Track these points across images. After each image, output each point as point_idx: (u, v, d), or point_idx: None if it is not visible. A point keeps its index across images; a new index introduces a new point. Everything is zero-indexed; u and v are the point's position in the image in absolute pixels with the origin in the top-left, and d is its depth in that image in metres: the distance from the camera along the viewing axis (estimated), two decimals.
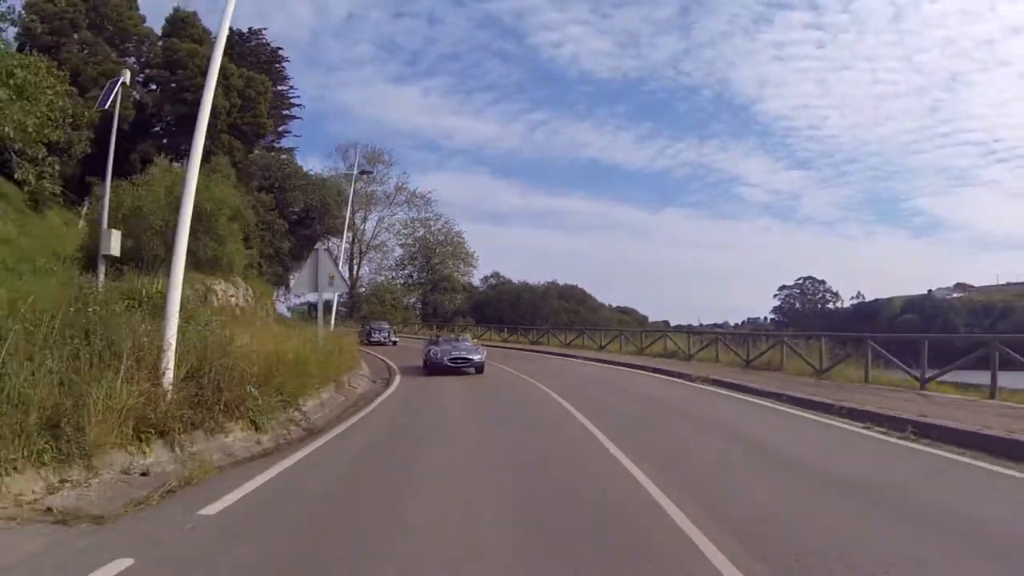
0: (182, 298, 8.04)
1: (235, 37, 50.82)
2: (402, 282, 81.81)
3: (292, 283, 26.88)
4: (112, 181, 15.30)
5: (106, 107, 14.88)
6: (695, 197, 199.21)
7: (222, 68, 31.79)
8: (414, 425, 10.43)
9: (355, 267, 76.97)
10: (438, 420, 10.93)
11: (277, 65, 54.23)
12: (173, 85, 41.44)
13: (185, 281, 8.39)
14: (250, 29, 54.23)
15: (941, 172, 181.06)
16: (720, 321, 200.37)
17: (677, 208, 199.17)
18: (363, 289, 76.39)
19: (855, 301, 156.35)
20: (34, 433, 5.37)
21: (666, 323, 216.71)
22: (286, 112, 54.20)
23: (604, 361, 25.66)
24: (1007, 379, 12.09)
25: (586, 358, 27.82)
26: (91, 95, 28.07)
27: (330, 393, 11.88)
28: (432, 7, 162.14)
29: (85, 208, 25.50)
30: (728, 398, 14.04)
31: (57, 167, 18.55)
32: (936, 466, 7.38)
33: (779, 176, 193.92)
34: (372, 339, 37.90)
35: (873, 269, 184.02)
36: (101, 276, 11.92)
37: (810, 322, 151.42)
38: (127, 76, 16.27)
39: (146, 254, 15.31)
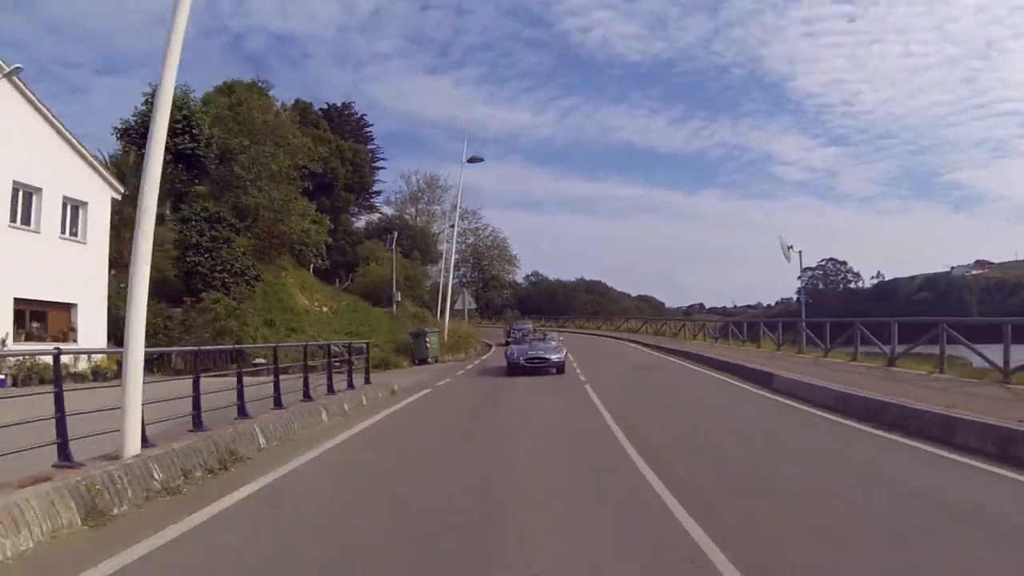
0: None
1: (333, 111, 71.37)
2: (456, 281, 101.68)
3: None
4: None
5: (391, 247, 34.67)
6: (731, 177, 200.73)
7: (338, 146, 52.42)
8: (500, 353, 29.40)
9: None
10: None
11: (366, 129, 74.15)
12: None
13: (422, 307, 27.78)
14: (343, 103, 74.40)
15: (979, 144, 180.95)
16: (753, 303, 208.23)
17: (713, 189, 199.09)
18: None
19: (875, 280, 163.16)
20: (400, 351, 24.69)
21: (701, 305, 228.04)
22: (375, 165, 73.98)
23: (601, 335, 44.50)
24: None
25: (593, 334, 46.70)
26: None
27: (476, 348, 31.29)
28: None
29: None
30: (652, 348, 32.75)
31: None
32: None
33: (815, 154, 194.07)
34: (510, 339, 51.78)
35: (910, 246, 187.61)
36: (395, 309, 31.55)
37: (831, 302, 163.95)
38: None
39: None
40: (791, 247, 21.67)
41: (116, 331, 21.80)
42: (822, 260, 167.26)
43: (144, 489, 5.59)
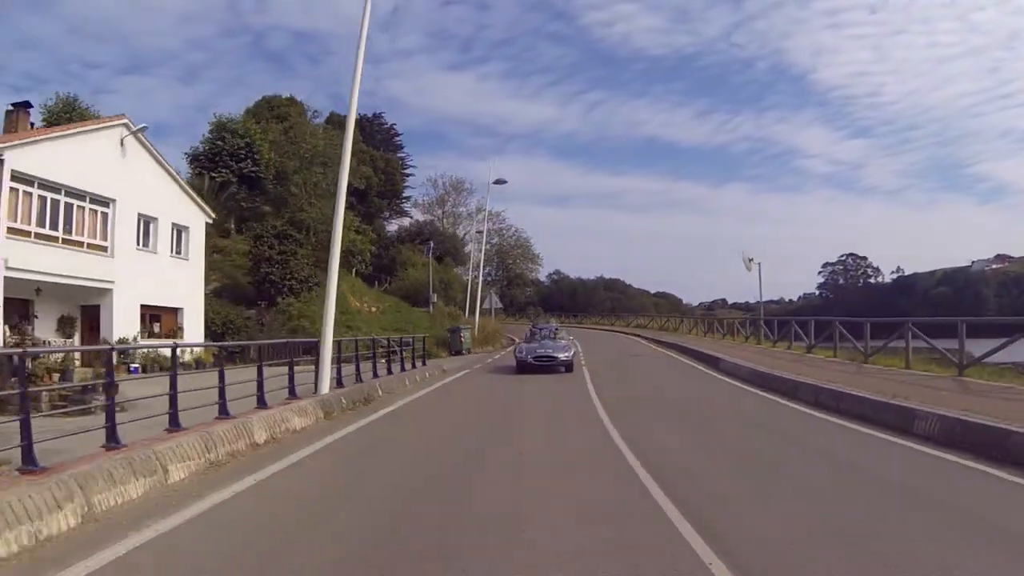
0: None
1: (364, 121, 76.90)
2: (483, 279, 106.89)
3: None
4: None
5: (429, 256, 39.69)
6: (755, 171, 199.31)
7: (371, 156, 57.82)
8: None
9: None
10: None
11: (396, 138, 79.48)
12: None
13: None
14: (374, 114, 79.83)
15: (1005, 135, 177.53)
16: (776, 298, 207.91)
17: (738, 183, 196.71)
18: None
19: (895, 275, 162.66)
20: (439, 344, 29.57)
21: (724, 301, 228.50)
22: (404, 172, 79.19)
23: (613, 330, 49.07)
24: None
25: (606, 330, 51.31)
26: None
27: (502, 342, 36.12)
28: None
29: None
30: (640, 339, 37.31)
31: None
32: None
33: (840, 146, 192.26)
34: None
35: (937, 240, 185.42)
36: (432, 309, 36.50)
37: (852, 297, 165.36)
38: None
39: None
40: (752, 259, 26.14)
41: (211, 329, 27.10)
42: (842, 255, 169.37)
43: (340, 406, 10.77)
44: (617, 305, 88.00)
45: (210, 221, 27.66)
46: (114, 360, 7.89)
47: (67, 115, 34.72)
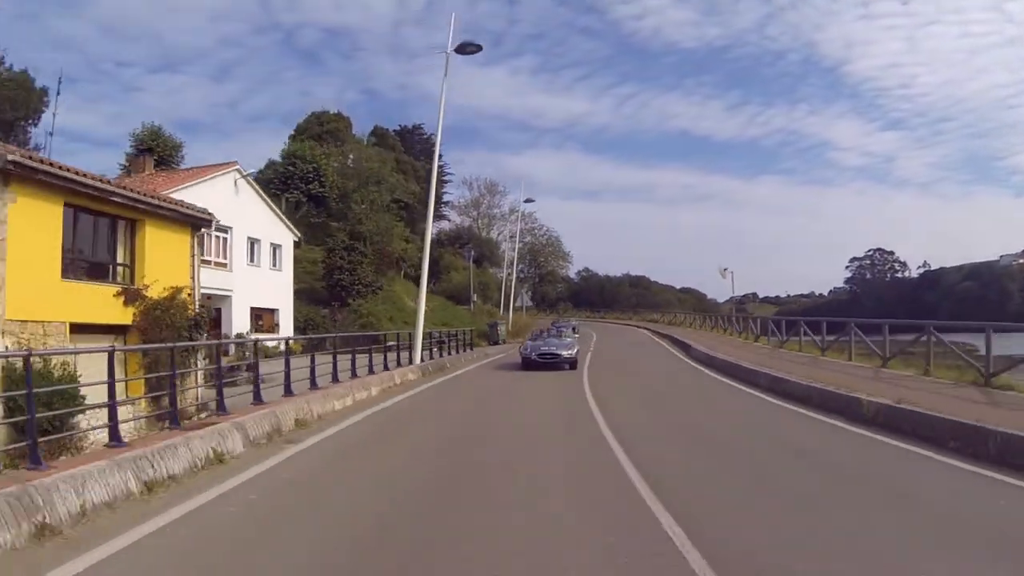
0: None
1: (405, 133, 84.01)
2: (516, 277, 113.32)
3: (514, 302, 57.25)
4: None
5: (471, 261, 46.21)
6: (788, 164, 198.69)
7: (413, 167, 64.86)
8: None
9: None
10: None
11: (435, 147, 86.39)
12: None
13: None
14: (413, 126, 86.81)
15: None
16: (807, 292, 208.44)
17: (770, 176, 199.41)
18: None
19: (921, 270, 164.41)
20: (480, 336, 36.07)
21: (755, 295, 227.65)
22: (443, 179, 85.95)
23: (631, 324, 55.13)
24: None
25: (625, 324, 57.36)
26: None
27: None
28: None
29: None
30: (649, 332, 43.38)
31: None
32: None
33: (872, 138, 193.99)
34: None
35: (971, 233, 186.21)
36: (472, 307, 43.02)
37: (878, 292, 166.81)
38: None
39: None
40: (726, 269, 32.14)
41: (296, 325, 33.99)
42: (869, 250, 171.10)
43: (428, 371, 17.46)
44: (641, 301, 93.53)
45: (296, 239, 34.57)
46: (230, 351, 14.47)
47: (153, 141, 42.09)
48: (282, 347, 29.05)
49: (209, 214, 18.15)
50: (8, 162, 12.12)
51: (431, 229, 26.55)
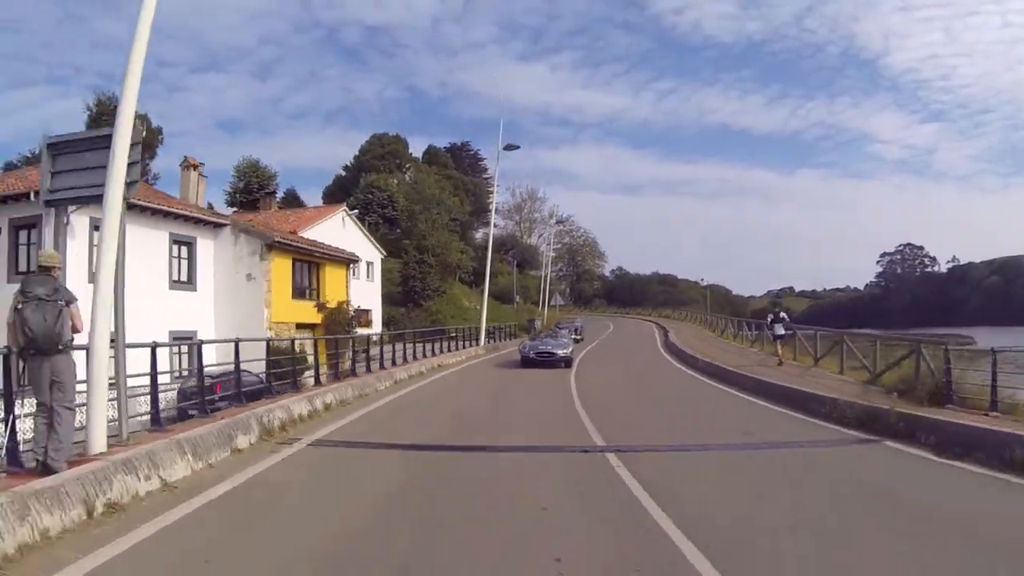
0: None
1: (455, 149, 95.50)
2: (554, 276, 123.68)
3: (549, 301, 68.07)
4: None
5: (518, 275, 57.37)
6: (828, 157, 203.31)
7: (462, 182, 76.67)
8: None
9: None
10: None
11: (481, 162, 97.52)
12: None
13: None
14: (462, 143, 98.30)
15: None
16: (843, 285, 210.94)
17: (809, 169, 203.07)
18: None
19: (950, 265, 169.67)
20: (522, 329, 47.04)
21: (791, 289, 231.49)
22: (488, 190, 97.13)
23: (647, 320, 65.46)
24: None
25: (643, 319, 67.64)
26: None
27: None
28: None
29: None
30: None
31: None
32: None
33: (912, 131, 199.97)
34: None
35: (1013, 226, 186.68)
36: (515, 306, 53.96)
37: (908, 287, 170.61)
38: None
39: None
40: (703, 279, 42.09)
41: (383, 322, 45.40)
42: (900, 245, 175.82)
43: (489, 350, 28.73)
44: (668, 299, 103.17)
45: (383, 256, 45.99)
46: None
47: (253, 173, 54.45)
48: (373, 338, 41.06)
49: (355, 256, 29.39)
50: (275, 241, 23.55)
51: (489, 246, 37.63)
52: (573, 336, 31.39)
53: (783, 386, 14.22)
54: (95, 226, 19.28)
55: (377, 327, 44.18)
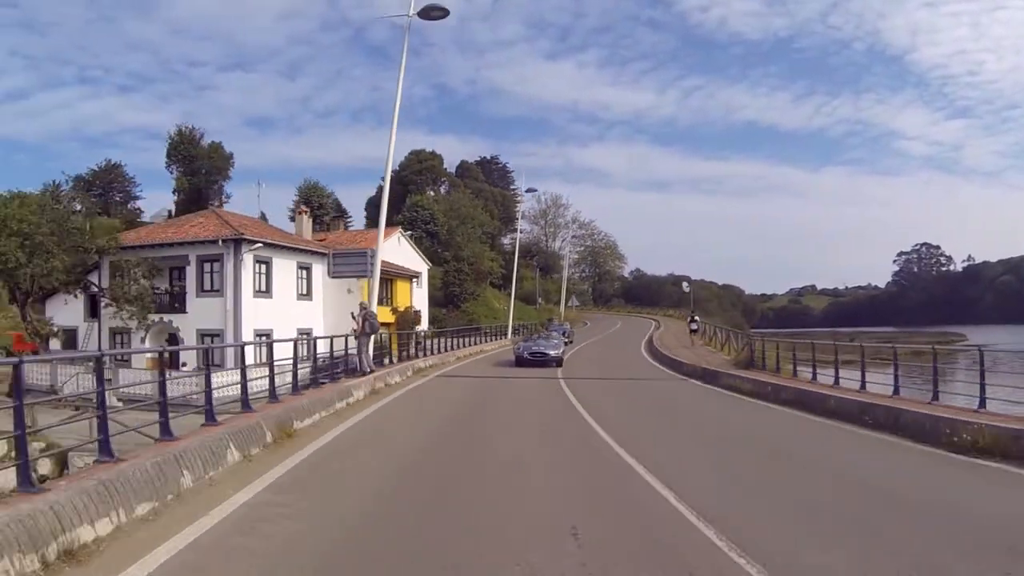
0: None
1: (485, 163, 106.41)
2: (578, 276, 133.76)
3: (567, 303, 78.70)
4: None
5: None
6: (854, 154, 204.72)
7: (492, 194, 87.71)
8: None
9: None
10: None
11: (509, 174, 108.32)
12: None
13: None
14: (492, 157, 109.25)
15: None
16: (864, 283, 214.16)
17: (836, 166, 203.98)
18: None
19: (965, 264, 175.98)
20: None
21: (813, 287, 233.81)
22: (516, 200, 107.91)
23: (650, 318, 75.66)
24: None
25: (647, 317, 77.74)
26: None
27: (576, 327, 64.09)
28: None
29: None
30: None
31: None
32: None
33: (939, 127, 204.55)
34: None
35: None
36: (538, 306, 64.69)
37: (924, 285, 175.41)
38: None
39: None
40: (686, 284, 52.27)
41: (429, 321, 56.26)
42: (916, 244, 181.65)
43: (514, 342, 39.11)
44: (682, 298, 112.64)
45: (428, 267, 56.94)
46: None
47: (313, 193, 66.10)
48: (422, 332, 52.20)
49: (417, 272, 40.35)
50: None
51: (515, 263, 48.32)
52: (564, 339, 34.87)
53: (672, 358, 24.78)
54: (257, 260, 30.47)
55: (425, 325, 55.16)
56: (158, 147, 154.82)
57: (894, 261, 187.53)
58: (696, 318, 32.22)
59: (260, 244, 30.12)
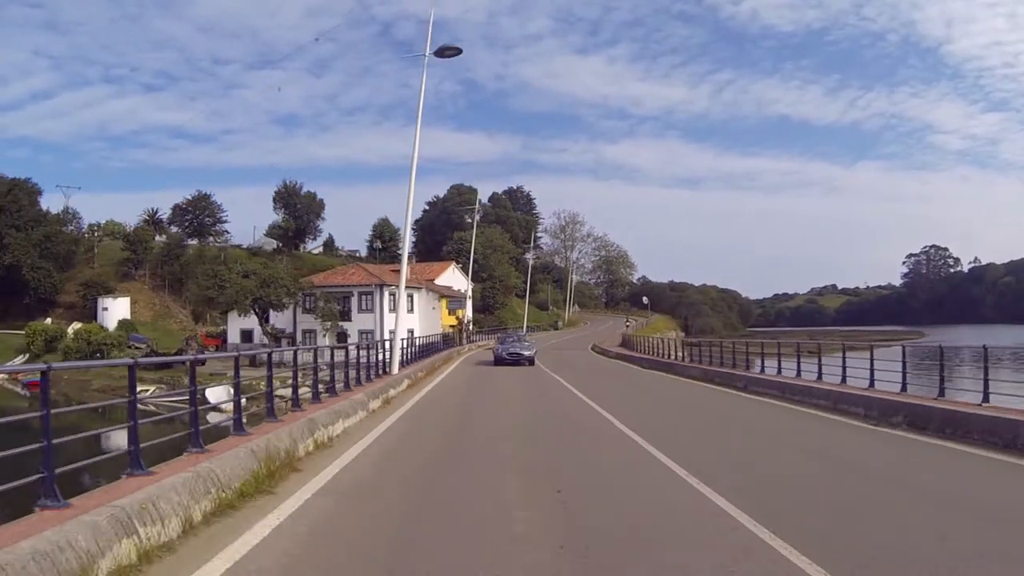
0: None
1: (510, 192, 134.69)
2: (593, 283, 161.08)
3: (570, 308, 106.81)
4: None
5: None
6: (889, 149, 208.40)
7: (516, 220, 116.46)
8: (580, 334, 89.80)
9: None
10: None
11: (532, 200, 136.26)
12: None
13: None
14: (517, 187, 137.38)
15: None
16: (884, 283, 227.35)
17: (870, 161, 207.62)
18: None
19: (971, 265, 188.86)
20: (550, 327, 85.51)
21: (833, 286, 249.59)
22: (537, 223, 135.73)
23: (640, 319, 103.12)
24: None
25: (640, 318, 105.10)
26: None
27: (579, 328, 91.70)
28: None
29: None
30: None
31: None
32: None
33: (975, 120, 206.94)
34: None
35: None
36: (548, 311, 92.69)
37: (931, 285, 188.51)
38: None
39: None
40: (645, 299, 79.33)
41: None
42: (925, 247, 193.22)
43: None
44: (680, 302, 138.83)
45: (472, 285, 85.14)
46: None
47: (386, 230, 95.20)
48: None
49: (469, 294, 68.89)
50: (441, 295, 63.09)
51: (528, 281, 76.48)
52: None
53: (600, 346, 52.85)
54: (389, 292, 59.04)
55: (471, 326, 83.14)
56: (186, 147, 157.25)
57: (903, 263, 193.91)
58: (628, 321, 58.83)
59: (393, 285, 58.81)
